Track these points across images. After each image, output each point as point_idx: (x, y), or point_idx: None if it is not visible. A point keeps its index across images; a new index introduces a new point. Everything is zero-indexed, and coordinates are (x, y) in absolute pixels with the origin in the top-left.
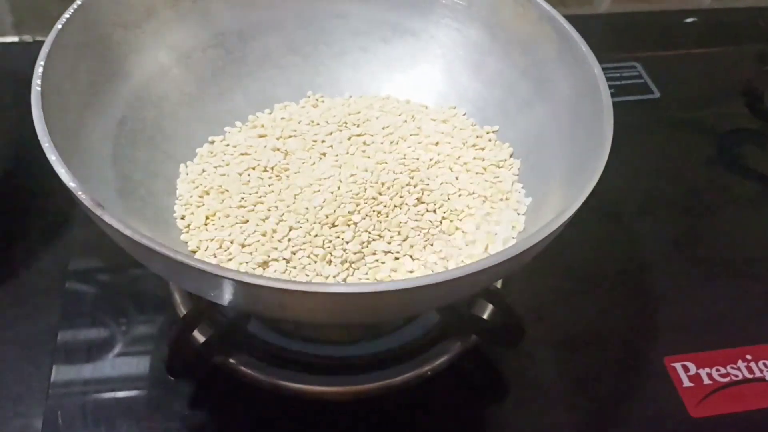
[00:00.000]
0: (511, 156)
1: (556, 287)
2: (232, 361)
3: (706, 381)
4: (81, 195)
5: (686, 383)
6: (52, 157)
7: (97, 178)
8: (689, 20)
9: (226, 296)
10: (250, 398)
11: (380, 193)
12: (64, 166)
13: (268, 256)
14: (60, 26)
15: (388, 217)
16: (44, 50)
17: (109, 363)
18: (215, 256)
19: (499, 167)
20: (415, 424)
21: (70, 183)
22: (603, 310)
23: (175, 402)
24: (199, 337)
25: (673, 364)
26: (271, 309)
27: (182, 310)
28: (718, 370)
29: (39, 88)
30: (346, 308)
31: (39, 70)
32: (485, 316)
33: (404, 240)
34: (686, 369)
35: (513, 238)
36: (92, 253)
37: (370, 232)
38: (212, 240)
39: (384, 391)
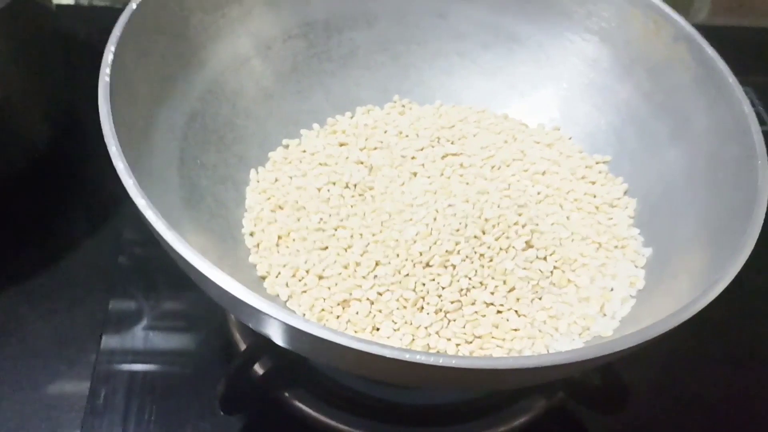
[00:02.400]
0: (625, 193)
1: (668, 350)
2: (287, 395)
3: None
4: (149, 214)
5: None
6: (120, 165)
7: (162, 182)
8: None
9: (295, 345)
10: None
11: (484, 232)
12: (132, 177)
13: (350, 294)
14: (135, 6)
15: (492, 261)
16: (115, 33)
17: (156, 335)
18: (287, 286)
19: (613, 206)
20: None
21: (139, 199)
22: (721, 387)
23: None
24: (259, 369)
25: None
26: (350, 367)
27: (240, 342)
28: None
29: (108, 79)
30: (435, 378)
31: (109, 57)
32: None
33: (510, 291)
34: None
35: (632, 296)
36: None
37: (470, 278)
38: (285, 266)
39: None
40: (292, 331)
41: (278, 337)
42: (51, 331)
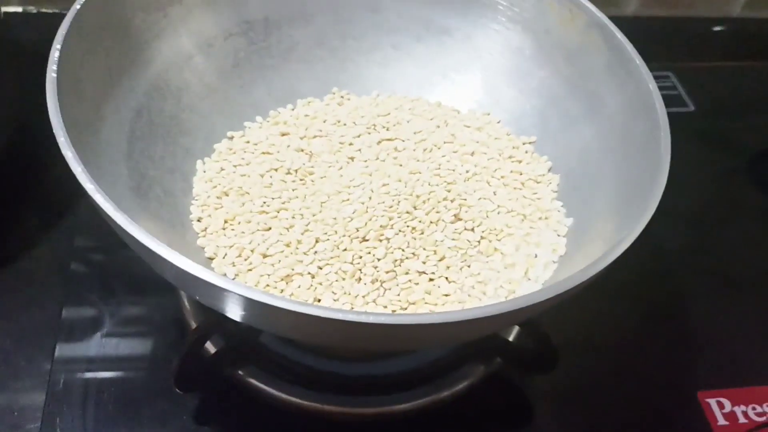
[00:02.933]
0: (549, 170)
1: (587, 312)
2: (240, 373)
3: (742, 419)
4: (98, 198)
5: (721, 421)
6: (68, 153)
7: (111, 174)
8: (717, 28)
9: (244, 315)
10: (256, 413)
11: (415, 207)
12: (80, 164)
13: (293, 270)
14: (78, 6)
15: (423, 234)
16: (61, 32)
17: (111, 342)
18: (234, 265)
19: (537, 182)
20: None
21: (88, 184)
22: (635, 341)
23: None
24: (211, 348)
25: (707, 400)
26: (296, 332)
27: (192, 321)
28: (754, 409)
29: (55, 75)
30: (369, 336)
31: (55, 54)
32: (512, 339)
33: (440, 260)
34: (721, 406)
35: (554, 262)
36: (98, 230)
37: (403, 250)
38: (231, 247)
39: (397, 415)
40: (241, 301)
41: (229, 309)
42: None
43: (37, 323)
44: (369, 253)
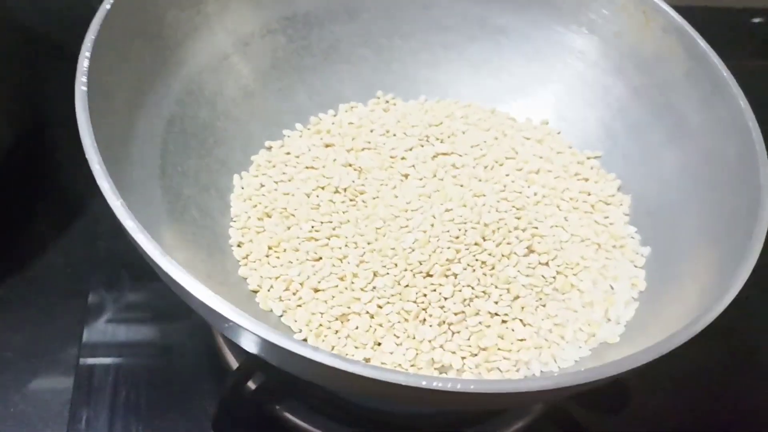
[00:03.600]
0: (618, 190)
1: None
2: (278, 408)
3: None
4: (141, 239)
5: None
6: (105, 184)
7: (145, 197)
8: (757, 20)
9: (299, 372)
10: None
11: (484, 238)
12: (119, 197)
13: (349, 308)
14: (108, 6)
15: (494, 269)
16: (89, 37)
17: (138, 329)
18: (281, 300)
19: (607, 204)
20: None
21: (128, 221)
22: (719, 381)
23: (202, 367)
24: (251, 384)
25: None
26: (357, 391)
27: (229, 354)
28: None
29: (85, 88)
30: (449, 402)
31: (84, 63)
32: None
33: (514, 299)
34: None
35: (634, 299)
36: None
37: (473, 288)
38: (277, 278)
39: None
40: (291, 356)
41: (276, 362)
42: (24, 340)
43: (65, 310)
44: (435, 290)
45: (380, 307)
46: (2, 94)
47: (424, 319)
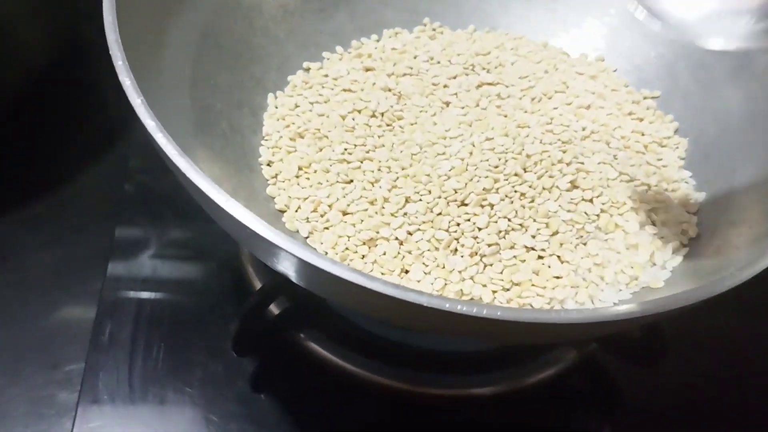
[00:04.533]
0: (675, 132)
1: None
2: (303, 336)
3: None
4: (160, 138)
5: None
6: (126, 81)
7: (173, 106)
8: None
9: (322, 290)
10: (317, 382)
11: (525, 169)
12: (140, 95)
13: (377, 233)
14: None
15: (534, 202)
16: None
17: (162, 264)
18: (308, 221)
19: (662, 146)
20: None
21: (148, 120)
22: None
23: (227, 310)
24: (274, 309)
25: None
26: (377, 313)
27: (254, 278)
28: None
29: None
30: (471, 329)
31: None
32: None
33: (552, 235)
34: None
35: (684, 245)
36: (153, 150)
37: (510, 220)
38: (305, 199)
39: (474, 400)
40: (316, 272)
41: (300, 278)
42: (53, 260)
43: (91, 243)
44: (468, 220)
45: (410, 233)
46: (41, 12)
47: (456, 249)
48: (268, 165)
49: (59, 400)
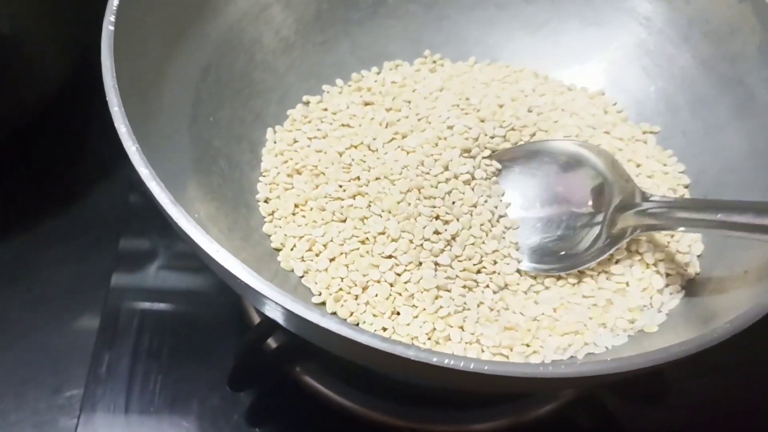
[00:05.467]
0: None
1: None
2: (298, 369)
3: None
4: (153, 186)
5: None
6: (122, 129)
7: (172, 144)
8: None
9: (308, 335)
10: (312, 416)
11: None
12: (135, 143)
13: (365, 276)
14: None
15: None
16: None
17: (166, 275)
18: (303, 260)
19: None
20: None
21: (142, 169)
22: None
23: (225, 342)
24: (272, 343)
25: None
26: (367, 361)
27: (254, 315)
28: None
29: (112, 28)
30: (459, 381)
31: (114, 2)
32: None
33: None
34: None
35: (683, 287)
36: None
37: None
38: (301, 238)
39: None
40: (302, 322)
41: (289, 326)
42: (62, 279)
43: (101, 261)
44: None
45: (398, 275)
46: (53, 33)
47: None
48: (266, 202)
49: (60, 425)
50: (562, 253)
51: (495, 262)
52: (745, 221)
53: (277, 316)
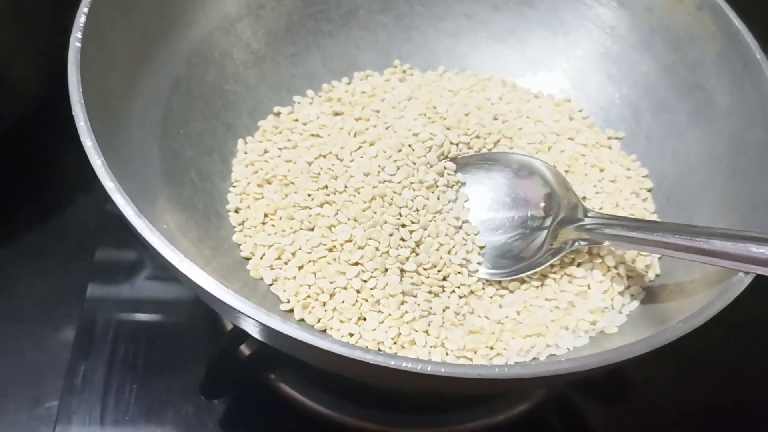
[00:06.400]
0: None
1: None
2: (272, 377)
3: None
4: (119, 199)
5: None
6: (87, 142)
7: (142, 157)
8: None
9: (276, 343)
10: (287, 423)
11: None
12: (101, 156)
13: (332, 283)
14: None
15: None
16: None
17: (143, 285)
18: (272, 269)
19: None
20: None
21: (108, 182)
22: (729, 379)
23: (199, 350)
24: (245, 350)
25: None
26: (334, 367)
27: (228, 322)
28: None
29: (79, 45)
30: (421, 383)
31: (81, 19)
32: None
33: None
34: None
35: (643, 289)
36: None
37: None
38: (270, 246)
39: None
40: (267, 330)
41: (257, 334)
42: (40, 291)
43: (74, 266)
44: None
45: (365, 281)
46: (30, 45)
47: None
48: (236, 212)
49: None
50: (517, 253)
51: (461, 266)
52: (680, 243)
53: (239, 322)
